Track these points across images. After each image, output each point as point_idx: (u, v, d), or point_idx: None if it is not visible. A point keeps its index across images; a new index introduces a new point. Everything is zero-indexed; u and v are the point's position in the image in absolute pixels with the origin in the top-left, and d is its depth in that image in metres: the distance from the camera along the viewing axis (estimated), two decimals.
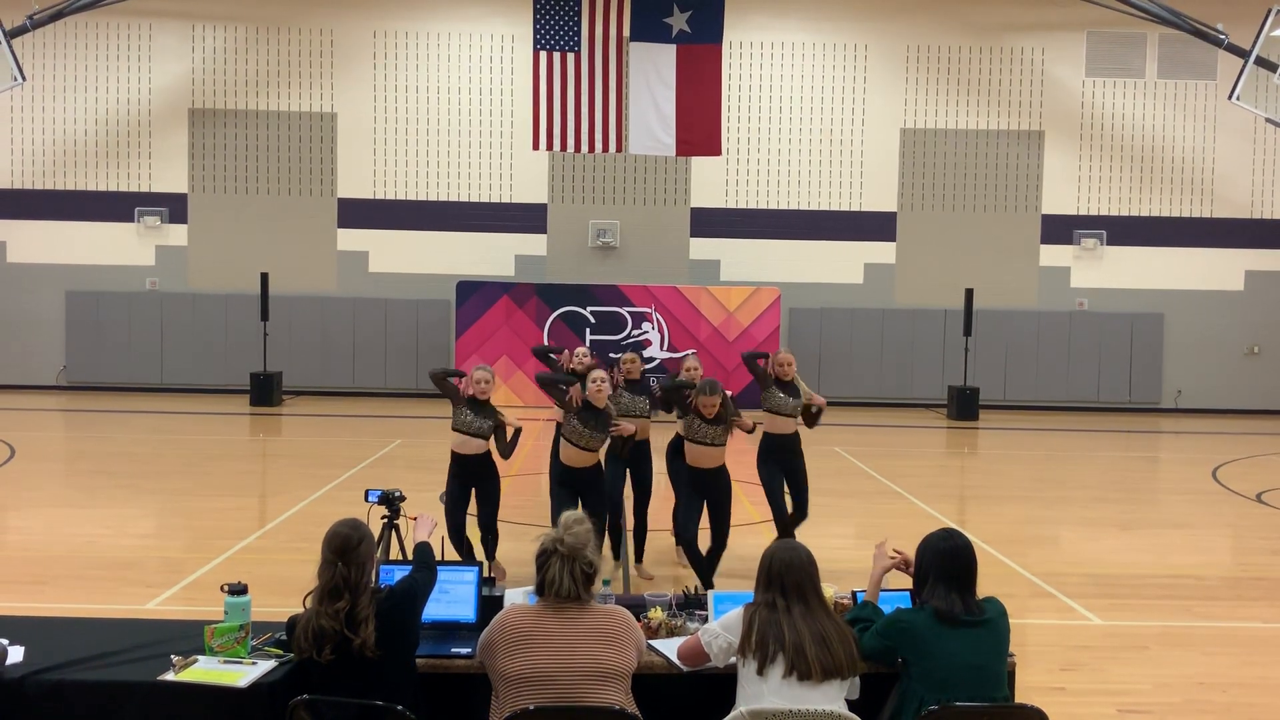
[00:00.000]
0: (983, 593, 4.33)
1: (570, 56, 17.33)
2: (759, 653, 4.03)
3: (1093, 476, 14.58)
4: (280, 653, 4.28)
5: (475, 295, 20.50)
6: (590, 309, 20.53)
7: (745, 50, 21.37)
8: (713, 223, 21.50)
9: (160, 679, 4.08)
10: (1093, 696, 6.34)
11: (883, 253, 21.69)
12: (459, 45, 21.37)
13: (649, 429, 8.72)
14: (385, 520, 6.87)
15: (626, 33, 17.34)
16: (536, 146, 17.82)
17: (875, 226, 21.63)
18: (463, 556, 7.84)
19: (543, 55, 17.36)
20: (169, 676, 4.09)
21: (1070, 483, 13.94)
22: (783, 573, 4.15)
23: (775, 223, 21.49)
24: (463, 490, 8.09)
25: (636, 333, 20.50)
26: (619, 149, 17.73)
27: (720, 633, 4.25)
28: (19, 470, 13.09)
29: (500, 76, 21.36)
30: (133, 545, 9.61)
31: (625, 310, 20.54)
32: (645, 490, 8.73)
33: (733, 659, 4.17)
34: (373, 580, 4.25)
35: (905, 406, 21.23)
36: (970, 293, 20.45)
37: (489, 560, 8.04)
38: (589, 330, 20.48)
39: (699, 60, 17.33)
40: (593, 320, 20.53)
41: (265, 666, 4.18)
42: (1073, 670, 6.82)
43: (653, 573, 8.62)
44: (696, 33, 17.32)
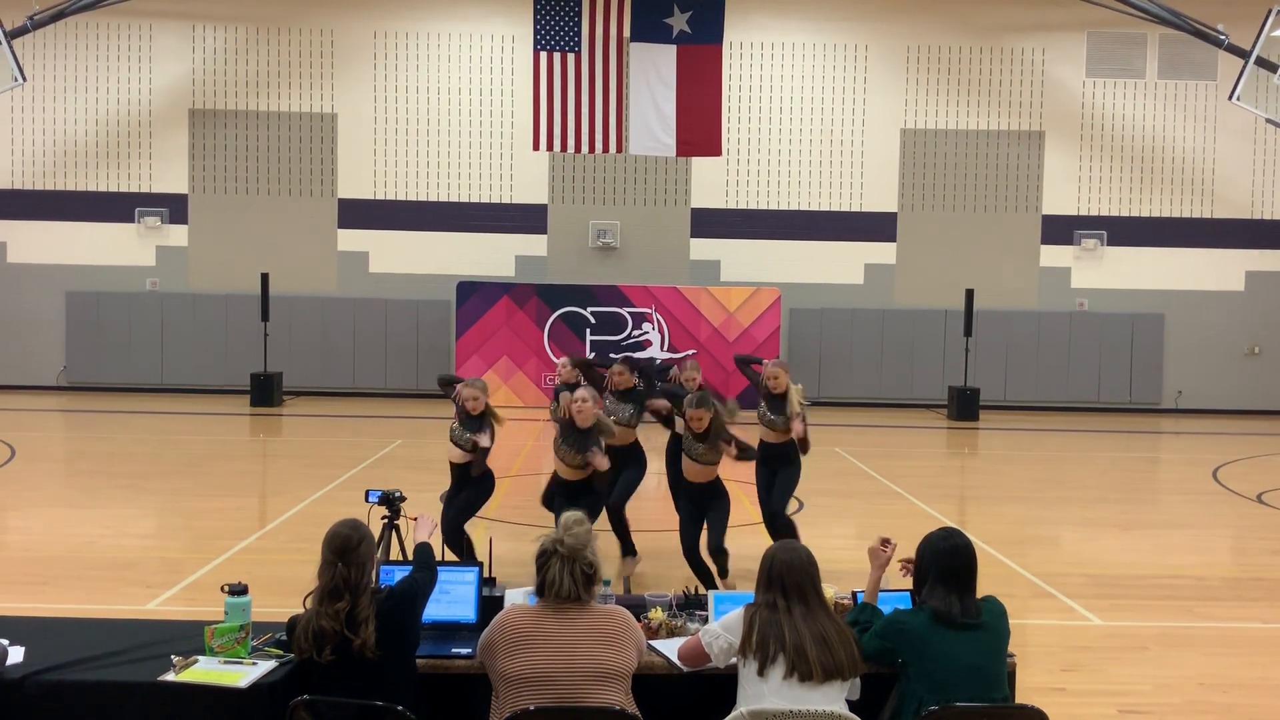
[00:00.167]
0: (983, 593, 4.33)
1: (570, 57, 17.33)
2: (760, 653, 4.03)
3: (1093, 477, 14.57)
4: (280, 653, 4.28)
5: (475, 296, 20.49)
6: (590, 309, 20.52)
7: (745, 50, 21.36)
8: (713, 223, 21.49)
9: (160, 679, 4.08)
10: (1093, 697, 6.34)
11: (883, 253, 21.68)
12: (459, 46, 21.37)
13: (632, 436, 8.68)
14: (385, 521, 6.88)
15: (627, 33, 17.34)
16: (537, 147, 17.83)
17: (875, 227, 21.62)
18: (460, 556, 7.85)
19: (543, 55, 17.36)
20: (169, 677, 4.09)
21: (1071, 483, 13.93)
22: (783, 573, 4.16)
23: (775, 223, 21.48)
24: (455, 491, 8.14)
25: (637, 333, 20.47)
26: (619, 149, 17.73)
27: (721, 633, 4.25)
28: (19, 470, 13.08)
29: (500, 77, 21.36)
30: (133, 545, 9.62)
31: (625, 311, 20.52)
32: (627, 489, 8.57)
33: (733, 660, 4.17)
34: (373, 581, 4.25)
35: (905, 407, 21.22)
36: (970, 293, 20.44)
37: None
38: (589, 331, 20.47)
39: (699, 60, 17.33)
40: (593, 321, 20.52)
41: (265, 667, 4.18)
42: (1073, 671, 6.82)
43: (654, 572, 8.60)
44: (697, 33, 17.31)
